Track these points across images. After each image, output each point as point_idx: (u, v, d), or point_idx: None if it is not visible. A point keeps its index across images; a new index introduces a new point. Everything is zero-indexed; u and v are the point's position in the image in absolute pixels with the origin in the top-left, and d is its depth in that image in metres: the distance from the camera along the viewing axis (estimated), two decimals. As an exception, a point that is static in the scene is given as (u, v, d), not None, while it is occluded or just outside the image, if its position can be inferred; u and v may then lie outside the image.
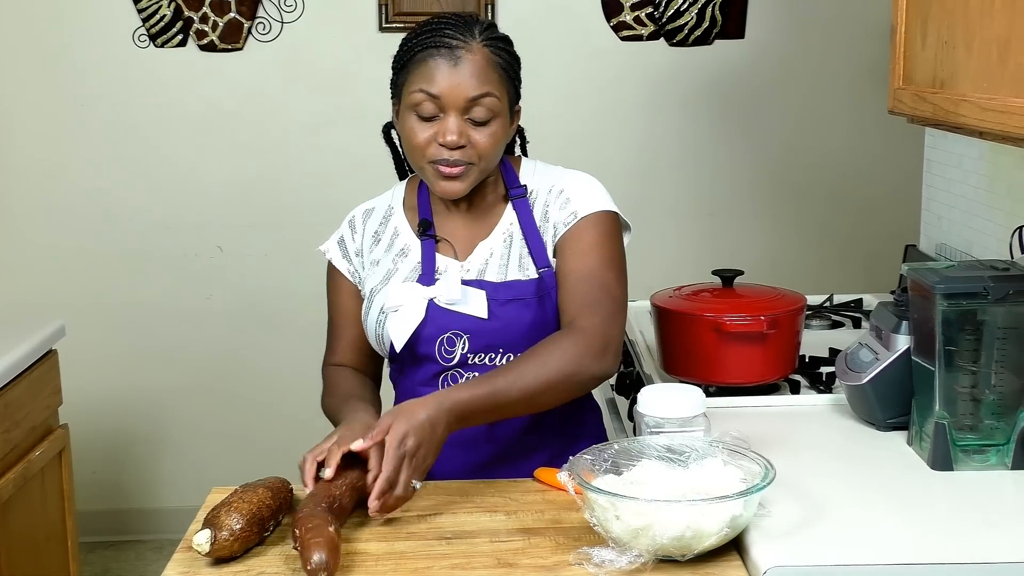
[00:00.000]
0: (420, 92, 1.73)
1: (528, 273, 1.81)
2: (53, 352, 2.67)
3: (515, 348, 1.78)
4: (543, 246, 1.82)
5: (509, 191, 1.86)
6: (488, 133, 1.75)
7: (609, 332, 1.74)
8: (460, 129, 1.73)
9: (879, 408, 1.81)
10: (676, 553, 1.41)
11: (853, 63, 3.55)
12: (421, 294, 1.79)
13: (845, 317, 2.56)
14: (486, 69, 1.74)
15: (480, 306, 1.77)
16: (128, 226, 3.62)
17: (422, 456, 1.57)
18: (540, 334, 1.77)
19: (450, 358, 1.80)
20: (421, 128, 1.75)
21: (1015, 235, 2.17)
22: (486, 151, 1.75)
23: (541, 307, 1.79)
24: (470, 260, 1.83)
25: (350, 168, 3.47)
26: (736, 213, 3.65)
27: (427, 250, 1.83)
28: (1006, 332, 1.62)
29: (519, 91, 1.83)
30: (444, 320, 1.78)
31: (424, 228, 1.85)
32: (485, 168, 1.78)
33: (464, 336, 1.78)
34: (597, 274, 1.78)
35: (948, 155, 2.61)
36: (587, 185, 1.85)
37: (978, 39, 1.71)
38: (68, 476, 2.72)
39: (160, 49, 3.53)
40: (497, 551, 1.51)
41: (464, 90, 1.72)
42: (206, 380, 3.70)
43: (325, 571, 1.40)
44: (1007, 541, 1.43)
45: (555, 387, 1.69)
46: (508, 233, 1.84)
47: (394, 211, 1.90)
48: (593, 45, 3.55)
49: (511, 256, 1.82)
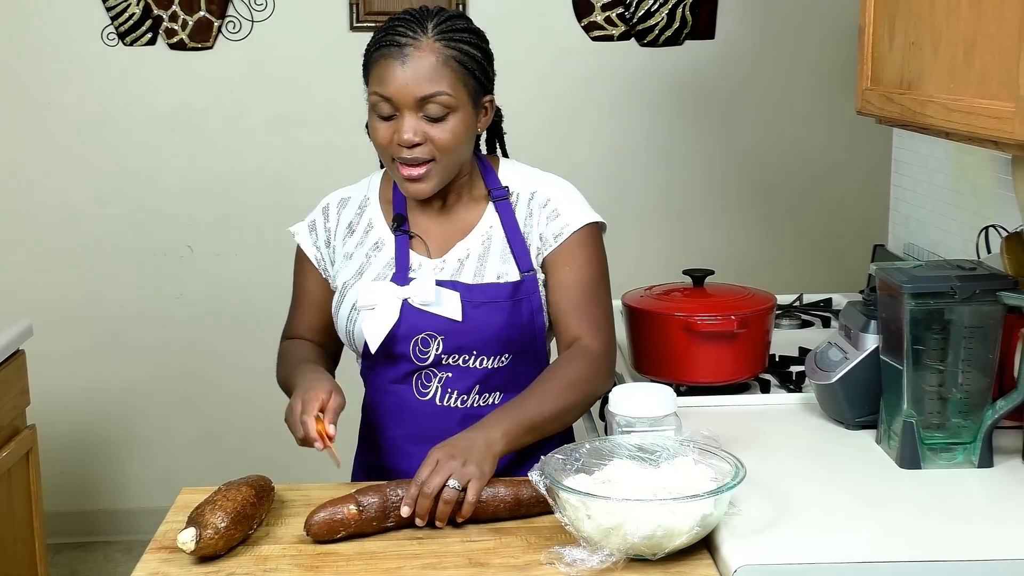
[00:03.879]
0: (375, 94, 1.74)
1: (508, 276, 1.80)
2: (20, 352, 2.64)
3: (488, 350, 1.79)
4: (527, 249, 1.82)
5: (491, 191, 1.85)
6: (445, 129, 1.72)
7: (613, 351, 1.83)
8: (415, 128, 1.71)
9: (848, 407, 1.82)
10: (647, 552, 1.42)
11: (822, 64, 3.57)
12: (395, 294, 1.78)
13: (814, 316, 2.57)
14: (436, 66, 1.71)
15: (454, 308, 1.77)
16: (96, 225, 3.59)
17: (459, 463, 1.56)
18: (513, 336, 1.78)
19: (424, 358, 1.79)
20: (382, 127, 1.75)
21: (981, 235, 2.19)
22: (444, 146, 1.73)
23: (516, 310, 1.79)
24: (445, 259, 1.82)
25: (321, 167, 3.46)
26: (707, 213, 3.66)
27: (401, 246, 1.82)
28: (972, 331, 1.63)
29: (485, 83, 1.79)
30: (418, 321, 1.78)
31: (398, 223, 1.84)
32: (449, 164, 1.76)
33: (439, 337, 1.78)
34: (592, 291, 1.81)
35: (915, 155, 2.63)
36: (571, 196, 1.85)
37: (944, 40, 1.72)
38: (36, 477, 2.70)
39: (129, 47, 3.50)
40: (468, 551, 1.51)
41: (412, 90, 1.70)
42: (175, 380, 3.68)
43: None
44: (974, 539, 1.44)
45: (579, 406, 1.76)
46: (487, 234, 1.83)
47: (369, 202, 1.89)
48: (564, 45, 3.55)
49: (489, 257, 1.81)
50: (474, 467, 1.57)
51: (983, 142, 1.62)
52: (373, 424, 1.87)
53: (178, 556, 1.50)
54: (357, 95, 1.82)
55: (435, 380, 1.80)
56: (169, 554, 1.52)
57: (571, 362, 1.77)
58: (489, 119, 1.83)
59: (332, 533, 1.53)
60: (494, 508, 1.57)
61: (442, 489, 1.54)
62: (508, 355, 1.80)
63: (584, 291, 1.81)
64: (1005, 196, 2.17)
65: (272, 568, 1.47)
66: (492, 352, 1.79)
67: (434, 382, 1.80)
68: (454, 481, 1.54)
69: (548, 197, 1.84)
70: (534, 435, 1.70)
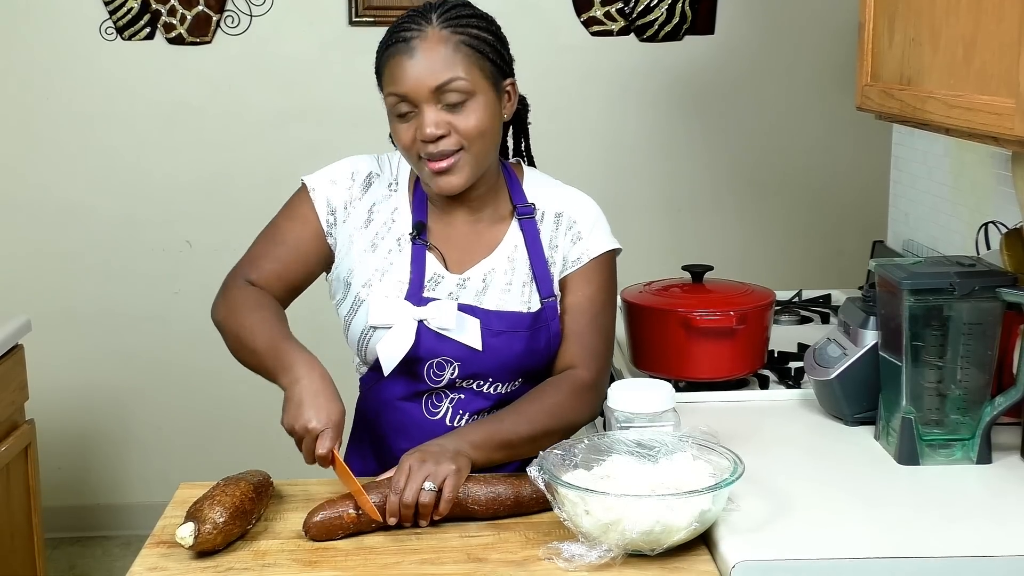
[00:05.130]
0: (391, 95, 1.68)
1: (530, 304, 1.76)
2: (19, 347, 2.64)
3: (503, 377, 1.76)
4: (549, 275, 1.78)
5: (516, 208, 1.80)
6: (468, 115, 1.66)
7: (604, 383, 1.76)
8: (437, 120, 1.66)
9: (846, 403, 1.82)
10: (645, 547, 1.42)
11: (822, 60, 3.57)
12: (411, 315, 1.71)
13: (813, 313, 2.57)
14: (446, 52, 1.65)
15: (475, 336, 1.72)
16: (95, 220, 3.59)
17: (431, 466, 1.54)
18: (530, 363, 1.76)
19: (438, 381, 1.76)
20: (404, 129, 1.69)
21: (980, 231, 2.19)
22: (471, 132, 1.66)
23: (534, 338, 1.76)
24: (469, 276, 1.76)
25: (319, 162, 3.41)
26: (706, 209, 3.66)
27: (417, 259, 1.75)
28: (971, 328, 1.63)
29: (503, 65, 1.72)
30: (436, 345, 1.73)
31: (418, 231, 1.76)
32: (478, 154, 1.69)
33: (455, 363, 1.74)
34: (599, 319, 1.79)
35: (914, 152, 2.63)
36: (596, 220, 1.82)
37: (944, 37, 1.72)
38: (34, 472, 2.70)
39: (127, 42, 3.50)
40: (467, 546, 1.51)
41: (426, 81, 1.65)
42: (174, 375, 3.68)
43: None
44: (972, 535, 1.44)
45: (557, 433, 1.69)
46: (512, 256, 1.78)
47: (398, 188, 1.81)
48: (563, 40, 3.55)
49: (514, 281, 1.77)
50: (447, 464, 1.55)
51: (983, 138, 1.62)
52: (376, 436, 1.84)
53: (177, 551, 1.50)
54: (356, 89, 1.81)
55: (446, 401, 1.77)
56: (168, 549, 1.51)
57: (559, 389, 1.74)
58: (514, 104, 1.76)
59: (331, 534, 1.52)
60: (495, 508, 1.57)
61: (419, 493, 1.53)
62: (521, 379, 1.79)
63: (591, 318, 1.78)
64: (1004, 192, 2.17)
65: (271, 563, 1.47)
66: (506, 379, 1.77)
67: (445, 403, 1.77)
68: (429, 483, 1.53)
69: (574, 219, 1.80)
70: (506, 453, 1.66)
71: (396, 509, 1.53)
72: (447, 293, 1.76)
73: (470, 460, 1.60)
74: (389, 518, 1.53)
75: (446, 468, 1.55)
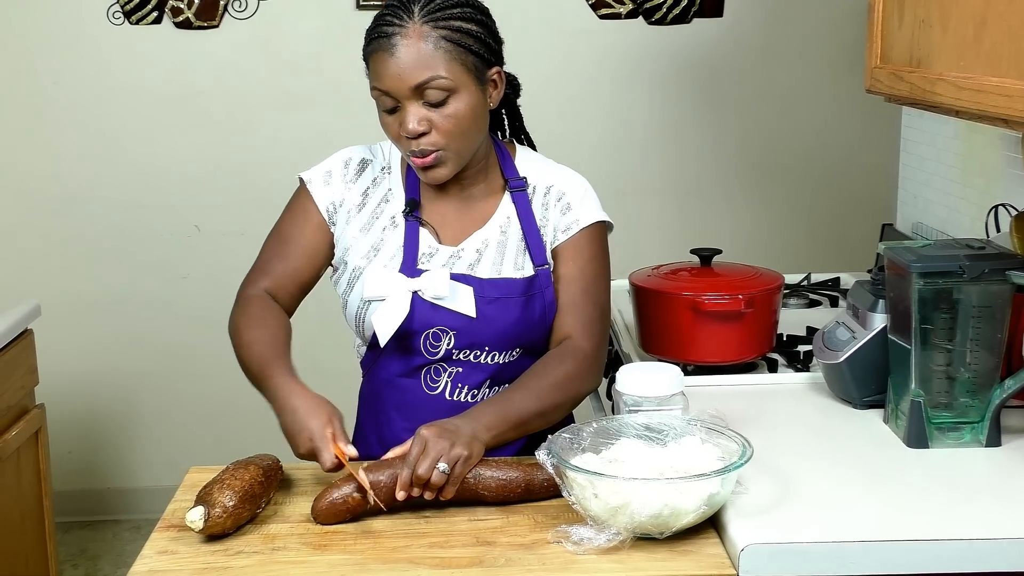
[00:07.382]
0: (374, 89, 1.70)
1: (523, 270, 1.78)
2: (29, 332, 2.65)
3: (500, 346, 1.77)
4: (542, 244, 1.80)
5: (508, 182, 1.82)
6: (448, 113, 1.67)
7: (603, 352, 1.80)
8: (418, 116, 1.67)
9: (855, 386, 1.82)
10: (654, 531, 1.42)
11: (831, 42, 3.55)
12: (405, 286, 1.73)
13: (822, 296, 2.57)
14: (426, 50, 1.65)
15: (468, 303, 1.74)
16: (104, 205, 3.59)
17: (447, 444, 1.54)
18: (525, 331, 1.77)
19: (435, 352, 1.77)
20: (389, 121, 1.71)
21: (990, 214, 2.18)
22: (451, 131, 1.68)
23: (528, 305, 1.77)
24: (463, 247, 1.78)
25: (326, 146, 3.38)
26: (714, 192, 3.65)
27: (410, 234, 1.78)
28: (981, 311, 1.63)
29: (488, 56, 1.71)
30: (431, 315, 1.74)
31: (411, 208, 1.79)
32: (460, 148, 1.71)
33: (451, 332, 1.75)
34: (593, 290, 1.79)
35: (924, 134, 2.62)
36: (585, 192, 1.83)
37: (954, 18, 1.71)
38: (44, 456, 2.71)
39: (135, 26, 3.49)
40: (476, 529, 1.51)
41: (406, 80, 1.65)
42: (183, 359, 3.69)
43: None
44: (981, 518, 1.45)
45: (565, 406, 1.73)
46: (505, 226, 1.80)
47: (391, 171, 1.84)
48: (571, 23, 3.53)
49: (507, 250, 1.79)
50: (460, 448, 1.55)
51: (993, 120, 1.62)
52: (377, 416, 1.84)
53: (187, 535, 1.51)
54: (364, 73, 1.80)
55: (445, 375, 1.78)
56: (178, 532, 1.52)
57: (561, 361, 1.74)
58: (500, 92, 1.76)
59: (339, 518, 1.53)
60: (505, 495, 1.57)
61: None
62: (518, 350, 1.79)
63: (584, 288, 1.79)
64: (1014, 175, 2.17)
65: (280, 546, 1.48)
66: (503, 348, 1.77)
67: (444, 376, 1.78)
68: (443, 464, 1.52)
69: (563, 191, 1.82)
70: (518, 431, 1.67)
71: (407, 483, 1.52)
72: (441, 265, 1.77)
73: (484, 446, 1.60)
74: (399, 491, 1.52)
75: (459, 451, 1.55)
